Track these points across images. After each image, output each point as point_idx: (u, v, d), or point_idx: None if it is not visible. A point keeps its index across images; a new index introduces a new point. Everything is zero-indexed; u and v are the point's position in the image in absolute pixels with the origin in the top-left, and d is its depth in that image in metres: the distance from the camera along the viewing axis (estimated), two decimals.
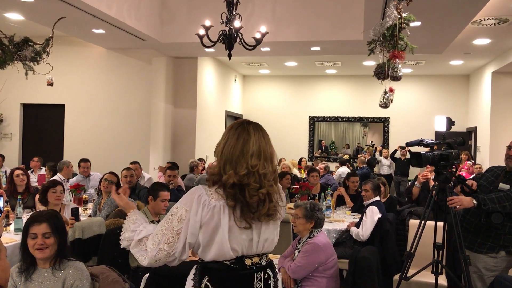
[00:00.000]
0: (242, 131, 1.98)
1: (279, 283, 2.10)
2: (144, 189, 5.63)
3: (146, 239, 1.96)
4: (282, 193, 2.11)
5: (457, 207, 3.48)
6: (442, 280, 3.81)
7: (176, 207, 1.93)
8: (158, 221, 4.01)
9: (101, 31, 7.62)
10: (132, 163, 7.20)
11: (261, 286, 2.00)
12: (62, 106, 9.47)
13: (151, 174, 8.32)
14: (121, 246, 2.06)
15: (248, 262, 1.97)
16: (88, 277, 2.62)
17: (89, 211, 5.60)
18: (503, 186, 3.47)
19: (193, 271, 2.02)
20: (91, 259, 4.16)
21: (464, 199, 3.48)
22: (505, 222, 3.48)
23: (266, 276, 2.02)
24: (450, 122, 3.58)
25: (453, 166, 3.68)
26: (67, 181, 6.68)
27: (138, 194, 5.82)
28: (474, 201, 3.47)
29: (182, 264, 2.95)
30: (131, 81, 9.15)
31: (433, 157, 3.60)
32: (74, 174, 7.33)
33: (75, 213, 4.32)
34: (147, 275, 2.98)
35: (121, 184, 5.70)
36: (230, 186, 1.89)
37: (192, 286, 1.97)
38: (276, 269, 2.12)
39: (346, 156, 11.35)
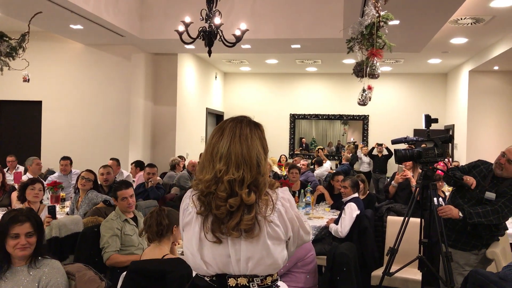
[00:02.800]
0: (218, 130, 1.76)
1: None
2: None
3: None
4: (281, 206, 1.74)
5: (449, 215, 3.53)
6: (419, 275, 3.87)
7: None
8: (132, 218, 3.99)
9: (79, 26, 7.52)
10: (110, 159, 7.13)
11: None
12: (39, 103, 9.32)
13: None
14: None
15: (231, 282, 1.70)
16: (64, 276, 2.58)
17: (67, 209, 5.53)
18: (489, 195, 3.49)
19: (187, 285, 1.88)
20: (68, 257, 4.11)
21: (453, 210, 3.53)
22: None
23: None
24: (429, 120, 3.61)
25: (439, 163, 3.71)
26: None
27: None
28: (460, 214, 3.53)
29: (160, 262, 2.94)
30: (110, 77, 9.05)
31: (405, 154, 3.65)
32: (52, 172, 7.22)
33: (52, 212, 4.26)
34: (124, 273, 2.95)
35: (98, 182, 5.64)
36: (201, 194, 1.69)
37: None
38: None
39: (349, 155, 11.39)
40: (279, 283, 1.82)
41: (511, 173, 3.56)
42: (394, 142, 3.79)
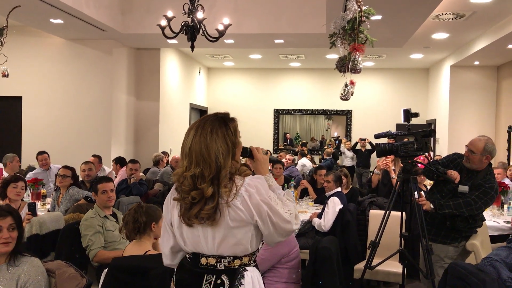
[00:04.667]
0: (188, 129, 1.93)
1: None
2: None
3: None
4: (249, 198, 1.87)
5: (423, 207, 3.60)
6: (401, 268, 3.91)
7: None
8: (111, 215, 3.96)
9: (59, 21, 7.41)
10: (92, 156, 7.06)
11: None
12: (19, 99, 9.17)
13: None
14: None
15: (203, 261, 1.91)
16: (44, 273, 2.55)
17: (48, 206, 5.46)
18: (462, 188, 3.54)
19: None
20: (50, 254, 4.06)
21: (427, 202, 3.61)
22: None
23: (219, 281, 1.88)
24: (408, 114, 3.65)
25: (419, 157, 3.75)
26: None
27: None
28: (432, 206, 3.59)
29: (142, 259, 2.92)
30: (91, 72, 8.94)
31: (385, 148, 3.69)
32: (33, 168, 7.12)
33: (32, 208, 4.19)
34: (106, 270, 2.92)
35: (80, 178, 5.58)
36: (177, 185, 1.92)
37: None
38: (243, 281, 1.91)
39: (330, 150, 11.43)
40: (249, 268, 1.94)
41: (478, 163, 3.63)
42: (377, 136, 3.83)
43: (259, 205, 1.86)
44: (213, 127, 1.88)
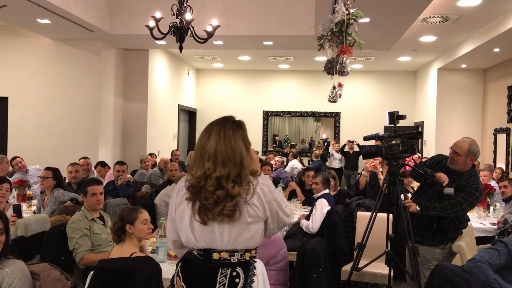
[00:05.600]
0: (206, 133, 2.04)
1: (254, 285, 2.03)
2: None
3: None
4: (264, 195, 2.03)
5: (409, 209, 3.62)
6: (387, 270, 3.93)
7: None
8: (99, 217, 3.93)
9: (46, 21, 7.34)
10: (82, 158, 7.00)
11: (225, 283, 1.99)
12: (5, 99, 9.07)
13: None
14: None
15: (215, 256, 2.00)
16: (28, 276, 2.52)
17: (34, 208, 5.40)
18: (447, 190, 3.55)
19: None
20: (35, 257, 4.02)
21: (413, 204, 3.63)
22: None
23: (234, 274, 2.00)
24: (392, 117, 3.67)
25: (409, 159, 3.77)
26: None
27: None
28: (418, 208, 3.62)
29: (128, 261, 2.90)
30: (79, 73, 8.87)
31: (371, 150, 3.71)
32: (12, 173, 7.02)
33: (17, 210, 4.15)
34: (92, 272, 2.90)
35: (66, 180, 5.52)
36: (190, 185, 1.99)
37: (175, 271, 2.09)
38: (256, 271, 2.05)
39: (318, 152, 11.46)
40: (257, 259, 2.11)
41: (462, 165, 3.66)
42: (366, 138, 3.85)
43: (271, 202, 2.05)
44: (233, 130, 2.04)
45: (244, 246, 2.02)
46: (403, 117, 3.75)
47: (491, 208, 5.77)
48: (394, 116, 3.67)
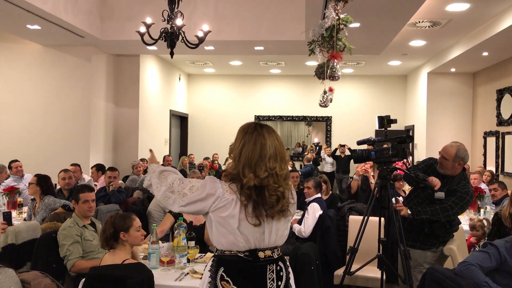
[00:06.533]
0: (258, 136, 2.10)
1: (291, 276, 2.21)
2: None
3: (168, 174, 2.16)
4: (293, 190, 2.23)
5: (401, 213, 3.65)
6: (379, 274, 3.94)
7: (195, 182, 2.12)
8: (90, 224, 3.91)
9: (36, 27, 7.31)
10: (72, 165, 6.96)
11: (274, 277, 2.11)
12: None
13: None
14: (143, 185, 2.25)
15: (261, 255, 2.10)
16: (19, 284, 2.50)
17: (24, 215, 5.36)
18: (438, 195, 3.57)
19: (210, 263, 2.14)
20: (26, 265, 3.98)
21: (404, 208, 3.67)
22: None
23: (278, 268, 2.14)
24: (383, 121, 3.70)
25: (397, 163, 3.79)
26: None
27: None
28: (409, 211, 3.64)
29: (120, 268, 2.88)
30: (70, 79, 8.84)
31: (362, 155, 3.74)
32: (7, 177, 6.99)
33: (7, 218, 4.11)
34: (83, 279, 2.88)
35: (58, 186, 5.47)
36: (248, 187, 2.03)
37: (209, 277, 2.09)
38: (288, 263, 2.22)
39: (311, 156, 11.48)
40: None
41: (450, 169, 3.69)
42: (359, 143, 3.88)
43: (295, 198, 2.24)
44: (276, 133, 2.19)
45: (281, 242, 2.17)
46: (394, 121, 3.77)
47: (482, 210, 5.81)
48: (384, 120, 3.69)
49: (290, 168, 10.04)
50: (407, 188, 6.45)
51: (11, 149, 8.74)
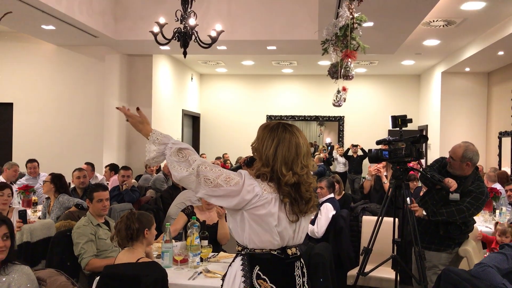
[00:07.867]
0: (292, 135, 2.11)
1: (306, 273, 2.25)
2: None
3: (189, 153, 2.06)
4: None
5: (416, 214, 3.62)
6: (394, 274, 3.91)
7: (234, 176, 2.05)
8: (104, 223, 3.93)
9: (51, 27, 7.37)
10: (85, 164, 7.02)
11: (299, 274, 2.15)
12: (10, 105, 9.10)
13: None
14: (147, 158, 2.18)
15: (289, 252, 2.12)
16: (34, 281, 2.52)
17: (39, 213, 5.41)
18: (453, 196, 3.53)
19: (239, 262, 2.10)
20: (40, 262, 4.02)
21: (419, 209, 3.63)
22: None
23: (301, 265, 2.18)
24: (396, 120, 3.67)
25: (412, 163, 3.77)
26: (14, 183, 6.42)
27: None
28: (424, 212, 3.62)
29: (134, 266, 2.89)
30: (83, 79, 8.90)
31: (376, 154, 3.71)
32: (22, 175, 7.06)
33: (23, 216, 4.16)
34: (97, 278, 2.89)
35: (72, 185, 5.52)
36: (286, 185, 2.04)
37: (242, 276, 2.06)
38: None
39: (323, 155, 11.46)
40: None
41: (458, 169, 3.66)
42: (378, 142, 3.86)
43: None
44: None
45: (302, 239, 2.18)
46: (409, 121, 3.74)
47: (497, 211, 5.74)
48: (397, 120, 3.67)
49: None
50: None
51: (26, 148, 8.84)
